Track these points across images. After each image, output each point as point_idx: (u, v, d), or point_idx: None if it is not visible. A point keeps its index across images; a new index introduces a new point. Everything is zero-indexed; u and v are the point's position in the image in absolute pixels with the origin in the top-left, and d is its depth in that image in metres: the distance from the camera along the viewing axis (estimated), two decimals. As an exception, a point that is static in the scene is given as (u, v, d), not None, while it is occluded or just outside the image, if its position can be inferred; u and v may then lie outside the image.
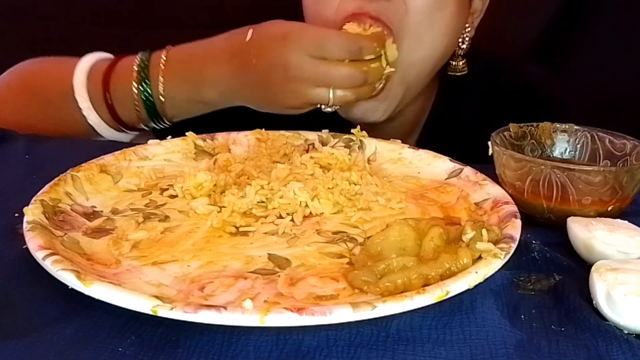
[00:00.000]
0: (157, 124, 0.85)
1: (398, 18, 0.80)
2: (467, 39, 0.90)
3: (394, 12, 0.80)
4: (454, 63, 0.90)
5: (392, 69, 0.77)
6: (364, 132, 0.78)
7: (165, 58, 0.83)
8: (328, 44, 0.72)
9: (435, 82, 0.96)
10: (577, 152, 0.71)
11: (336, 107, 0.76)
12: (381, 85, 0.79)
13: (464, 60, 0.91)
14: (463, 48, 0.90)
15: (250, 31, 0.77)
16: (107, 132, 0.87)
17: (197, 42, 0.83)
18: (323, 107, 0.76)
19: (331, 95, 0.74)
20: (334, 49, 0.72)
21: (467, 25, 0.89)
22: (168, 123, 0.85)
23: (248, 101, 0.80)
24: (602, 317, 0.50)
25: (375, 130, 0.82)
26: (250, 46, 0.76)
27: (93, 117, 0.85)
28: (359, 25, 0.77)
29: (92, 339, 0.46)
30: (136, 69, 0.83)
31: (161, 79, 0.82)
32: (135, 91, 0.82)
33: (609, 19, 1.21)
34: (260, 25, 0.77)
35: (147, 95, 0.82)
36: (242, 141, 0.78)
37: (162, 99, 0.82)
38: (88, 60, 0.87)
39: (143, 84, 0.82)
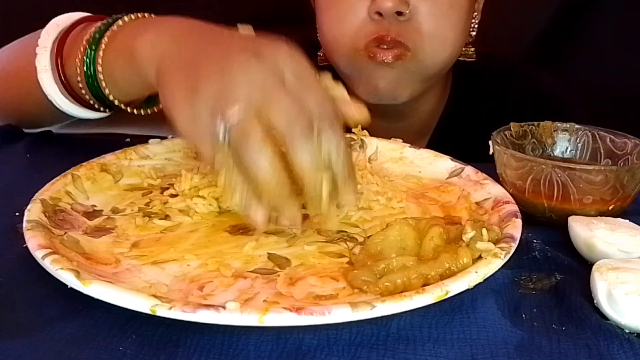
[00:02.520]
0: (101, 104, 0.73)
1: (417, 32, 0.82)
2: (475, 25, 0.92)
3: (412, 28, 0.82)
4: (464, 49, 0.92)
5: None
6: (365, 132, 0.77)
7: (126, 19, 0.70)
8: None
9: (448, 79, 0.97)
10: (578, 151, 0.71)
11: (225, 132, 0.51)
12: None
13: (473, 47, 0.92)
14: (472, 35, 0.92)
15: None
16: (69, 107, 0.75)
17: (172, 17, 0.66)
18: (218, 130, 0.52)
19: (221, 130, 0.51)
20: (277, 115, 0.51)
21: (474, 12, 0.91)
22: (114, 105, 0.72)
23: (162, 70, 0.59)
24: (603, 316, 0.50)
25: (390, 130, 0.82)
26: (232, 32, 0.60)
27: (47, 83, 0.73)
28: None
29: (92, 338, 0.46)
30: (92, 31, 0.70)
31: (105, 38, 0.69)
32: (79, 60, 0.70)
33: (609, 19, 1.21)
34: None
35: (89, 58, 0.70)
36: (242, 140, 0.77)
37: (98, 61, 0.69)
38: (68, 17, 0.76)
39: (91, 46, 0.69)
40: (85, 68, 0.70)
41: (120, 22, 0.70)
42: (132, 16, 0.70)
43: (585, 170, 0.60)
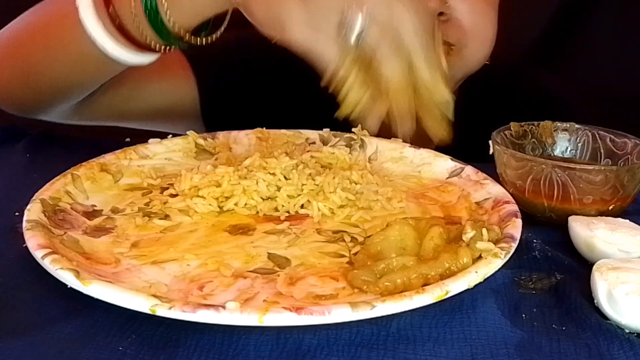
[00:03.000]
0: (161, 37, 0.67)
1: (459, 32, 0.82)
2: None
3: (454, 29, 0.81)
4: None
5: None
6: (365, 131, 0.77)
7: None
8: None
9: None
10: (578, 151, 0.71)
11: (359, 36, 0.54)
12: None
13: None
14: None
15: None
16: (115, 51, 0.67)
17: None
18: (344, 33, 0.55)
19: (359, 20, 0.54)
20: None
21: None
22: (171, 35, 0.66)
23: None
24: (603, 316, 0.50)
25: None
26: None
27: (90, 22, 0.66)
28: None
29: (92, 338, 0.46)
30: None
31: None
32: None
33: (609, 19, 1.21)
34: None
35: None
36: (242, 140, 0.77)
37: None
38: None
39: None
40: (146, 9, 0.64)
41: None
42: None
43: (585, 170, 0.60)
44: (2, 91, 0.78)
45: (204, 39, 0.69)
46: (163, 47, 0.68)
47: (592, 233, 0.57)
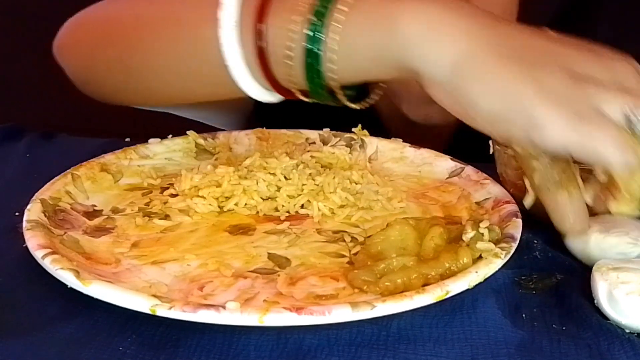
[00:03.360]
0: (315, 87, 0.56)
1: None
2: None
3: None
4: None
5: None
6: (365, 131, 0.77)
7: None
8: None
9: None
10: (578, 151, 0.71)
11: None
12: None
13: None
14: None
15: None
16: (253, 89, 0.59)
17: None
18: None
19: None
20: None
21: None
22: (329, 88, 0.57)
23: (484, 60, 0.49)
24: (604, 316, 0.50)
25: (414, 133, 0.80)
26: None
27: (229, 47, 0.56)
28: None
29: (92, 338, 0.46)
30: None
31: (342, 17, 0.52)
32: (296, 32, 0.53)
33: (610, 19, 1.21)
34: None
35: (314, 38, 0.53)
36: (243, 140, 0.77)
37: (335, 47, 0.53)
38: None
39: (315, 19, 0.53)
40: (311, 33, 0.53)
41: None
42: None
43: (585, 169, 0.60)
44: (90, 80, 0.70)
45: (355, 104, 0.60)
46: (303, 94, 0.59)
47: (585, 245, 0.55)
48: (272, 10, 0.55)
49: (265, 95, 0.60)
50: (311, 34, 0.53)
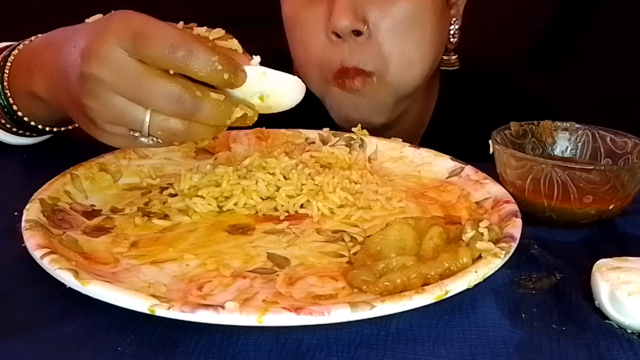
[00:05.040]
0: (29, 130, 0.75)
1: (378, 52, 0.79)
2: (456, 33, 0.88)
3: (372, 47, 0.79)
4: (445, 57, 0.89)
5: (261, 110, 0.58)
6: (365, 131, 0.77)
7: (21, 47, 0.72)
8: (153, 36, 0.52)
9: (436, 80, 0.95)
10: (578, 151, 0.71)
11: (156, 140, 0.56)
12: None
13: (455, 55, 0.89)
14: (453, 42, 0.89)
15: (98, 15, 0.58)
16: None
17: (61, 28, 0.66)
18: (137, 134, 0.55)
19: (147, 118, 0.54)
20: (155, 45, 0.52)
21: (453, 19, 0.88)
22: (38, 129, 0.75)
23: (64, 102, 0.61)
24: (603, 316, 0.50)
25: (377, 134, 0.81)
26: (77, 31, 0.58)
27: None
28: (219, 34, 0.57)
29: (91, 337, 0.46)
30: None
31: (7, 70, 0.71)
32: None
33: (609, 20, 1.21)
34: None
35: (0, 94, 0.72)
36: (242, 139, 0.77)
37: (9, 97, 0.71)
38: None
39: None
40: (2, 107, 0.72)
41: (11, 56, 0.72)
42: (15, 52, 0.72)
43: (585, 169, 0.60)
44: None
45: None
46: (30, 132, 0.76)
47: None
48: None
49: (22, 140, 0.77)
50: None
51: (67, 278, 0.47)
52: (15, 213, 0.59)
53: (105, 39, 0.53)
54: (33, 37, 0.73)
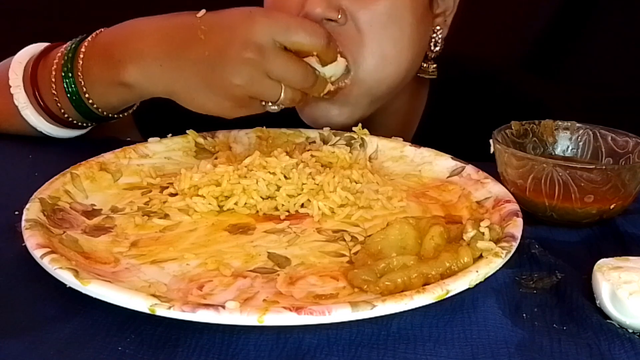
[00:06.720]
0: (90, 119, 0.78)
1: (354, 43, 0.78)
2: (439, 40, 0.86)
3: (349, 37, 0.77)
4: (424, 65, 0.87)
5: (332, 87, 0.74)
6: (366, 130, 0.77)
7: (90, 40, 0.75)
8: (300, 30, 0.67)
9: (423, 83, 0.94)
10: (579, 150, 0.71)
11: (281, 107, 0.69)
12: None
13: (435, 64, 0.87)
14: (435, 51, 0.87)
15: (204, 10, 0.69)
16: (50, 129, 0.79)
17: (134, 20, 0.74)
18: (269, 104, 0.69)
19: (282, 93, 0.67)
20: (304, 37, 0.67)
21: (437, 27, 0.86)
22: (102, 117, 0.78)
23: (178, 86, 0.69)
24: (604, 316, 0.50)
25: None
26: (201, 21, 0.68)
27: (30, 114, 0.78)
28: None
29: (91, 337, 0.46)
30: (61, 57, 0.75)
31: (80, 61, 0.74)
32: (54, 83, 0.75)
33: (609, 20, 1.21)
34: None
35: (69, 83, 0.75)
36: (243, 139, 0.77)
37: (83, 86, 0.74)
38: (26, 51, 0.80)
39: (67, 72, 0.75)
40: (70, 96, 0.75)
41: (82, 48, 0.75)
42: (84, 47, 0.75)
43: (586, 169, 0.60)
44: None
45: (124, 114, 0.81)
46: (86, 124, 0.80)
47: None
48: (40, 85, 0.77)
49: (76, 132, 0.81)
50: (64, 74, 0.75)
51: (67, 278, 0.47)
52: (16, 212, 0.59)
53: (261, 31, 0.65)
54: (97, 31, 0.76)
